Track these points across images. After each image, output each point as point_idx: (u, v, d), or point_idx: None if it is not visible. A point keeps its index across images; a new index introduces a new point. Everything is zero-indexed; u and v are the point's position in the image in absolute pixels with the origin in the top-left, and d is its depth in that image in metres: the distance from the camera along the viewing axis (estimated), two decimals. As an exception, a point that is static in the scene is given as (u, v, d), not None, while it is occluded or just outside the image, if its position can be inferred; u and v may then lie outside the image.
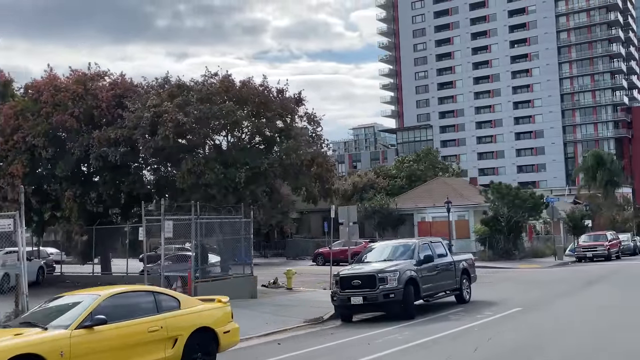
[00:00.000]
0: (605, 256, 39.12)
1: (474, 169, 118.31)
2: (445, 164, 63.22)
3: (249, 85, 23.05)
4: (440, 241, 18.19)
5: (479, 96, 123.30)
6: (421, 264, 16.02)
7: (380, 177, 56.58)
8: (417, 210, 45.19)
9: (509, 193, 38.87)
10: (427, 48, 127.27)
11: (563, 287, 21.45)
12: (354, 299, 14.91)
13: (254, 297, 19.82)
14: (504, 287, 23.12)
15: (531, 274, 29.37)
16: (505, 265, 36.15)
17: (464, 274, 18.28)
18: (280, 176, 22.44)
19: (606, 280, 23.97)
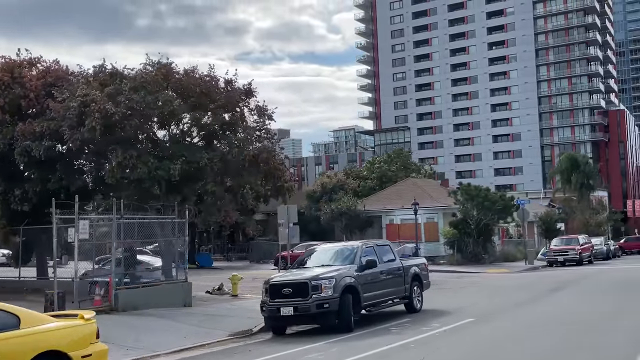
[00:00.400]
0: (576, 261, 37.90)
1: (451, 171, 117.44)
2: (418, 165, 61.89)
3: (192, 74, 21.29)
4: (387, 244, 16.58)
5: (456, 98, 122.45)
6: (363, 270, 14.38)
7: (350, 178, 54.99)
8: (385, 212, 43.65)
9: (478, 194, 37.47)
10: (406, 49, 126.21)
11: (525, 295, 19.97)
12: (284, 309, 13.21)
13: (188, 305, 18.05)
14: (465, 294, 21.61)
15: (498, 280, 27.94)
16: (473, 269, 34.72)
17: (414, 280, 16.69)
18: (222, 173, 20.67)
19: (572, 286, 22.56)
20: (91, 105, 18.56)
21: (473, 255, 38.55)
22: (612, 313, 14.93)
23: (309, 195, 51.77)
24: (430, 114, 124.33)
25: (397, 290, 15.84)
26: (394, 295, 15.79)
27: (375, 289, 14.75)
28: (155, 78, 19.98)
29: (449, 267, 36.96)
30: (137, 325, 14.21)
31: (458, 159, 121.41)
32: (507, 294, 20.69)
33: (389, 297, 15.57)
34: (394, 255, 16.24)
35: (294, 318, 13.29)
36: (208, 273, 35.93)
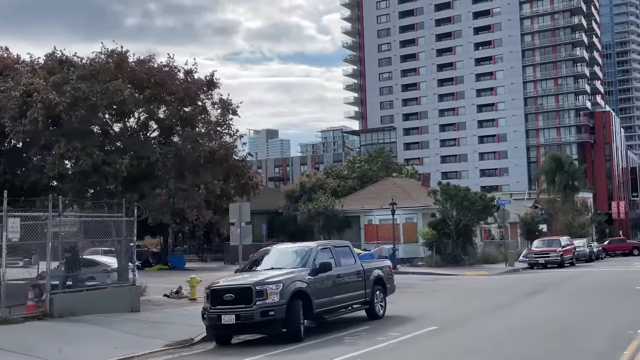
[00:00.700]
0: (558, 263, 36.93)
1: (437, 172, 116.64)
2: (399, 165, 60.78)
3: (148, 64, 20.00)
4: (347, 246, 15.39)
5: (443, 98, 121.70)
6: (317, 273, 13.18)
7: (331, 177, 53.81)
8: (363, 212, 42.50)
9: (457, 194, 36.41)
10: (392, 49, 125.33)
11: (500, 299, 18.87)
12: (225, 317, 11.97)
13: (135, 310, 16.76)
14: (437, 298, 20.48)
15: (475, 282, 26.85)
16: (451, 271, 33.64)
17: (377, 284, 15.52)
18: (176, 169, 19.37)
19: (550, 290, 21.51)
20: (34, 95, 17.24)
21: (452, 257, 37.50)
22: (591, 315, 13.88)
23: (288, 194, 50.54)
24: (417, 114, 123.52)
25: (357, 295, 14.66)
26: (353, 301, 14.61)
27: (331, 294, 13.56)
28: (106, 67, 18.68)
29: (427, 269, 35.89)
30: (67, 333, 12.93)
31: (444, 160, 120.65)
32: (481, 298, 19.60)
33: (348, 303, 14.39)
34: (354, 258, 15.07)
35: (236, 327, 12.05)
36: (178, 274, 34.62)
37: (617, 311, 15.23)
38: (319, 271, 13.20)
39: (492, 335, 12.40)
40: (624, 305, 16.32)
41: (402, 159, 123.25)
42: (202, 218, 39.90)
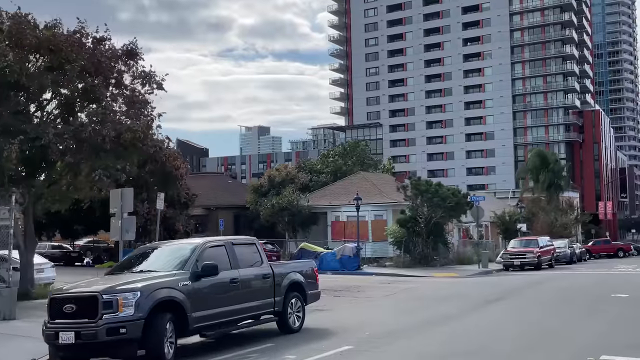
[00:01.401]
0: (535, 264, 34.31)
1: (423, 170, 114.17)
2: (375, 160, 57.91)
3: (53, 30, 17.16)
4: (253, 243, 12.55)
5: (430, 95, 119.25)
6: (198, 278, 10.39)
7: (303, 171, 50.97)
8: (331, 208, 39.72)
9: (427, 190, 33.70)
10: (379, 43, 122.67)
11: (452, 308, 16.14)
12: (63, 335, 9.15)
13: (9, 317, 13.91)
14: (382, 305, 17.74)
15: (437, 285, 24.13)
16: (418, 273, 30.95)
17: (292, 291, 12.75)
18: (74, 153, 16.52)
19: (514, 296, 18.81)
20: None
21: (422, 257, 34.80)
22: (549, 333, 11.17)
23: (255, 189, 47.71)
24: (403, 111, 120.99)
25: (263, 304, 11.87)
26: (257, 311, 11.83)
27: (221, 304, 10.76)
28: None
29: (393, 269, 33.19)
30: None
31: (430, 157, 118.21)
32: (431, 307, 16.87)
33: (247, 315, 11.60)
34: (261, 259, 12.25)
35: (77, 348, 9.19)
36: None
37: (582, 328, 12.54)
38: (201, 275, 10.40)
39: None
40: (592, 320, 13.64)
41: (388, 156, 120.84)
42: (154, 211, 37.10)
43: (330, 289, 21.92)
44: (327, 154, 55.54)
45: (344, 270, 32.25)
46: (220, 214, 47.76)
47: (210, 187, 50.02)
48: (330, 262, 33.02)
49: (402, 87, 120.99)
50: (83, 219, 37.02)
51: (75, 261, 40.24)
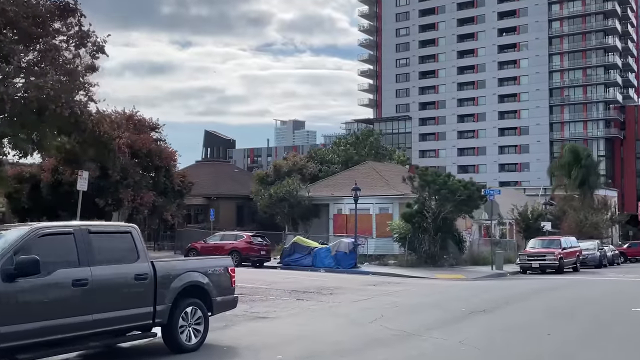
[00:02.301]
0: (556, 267, 30.55)
1: (453, 165, 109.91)
2: (389, 150, 54.20)
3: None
4: (127, 231, 9.43)
5: (462, 87, 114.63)
6: (12, 279, 7.40)
7: (313, 161, 47.85)
8: (333, 199, 36.47)
9: (434, 181, 30.20)
10: (410, 33, 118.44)
11: (422, 319, 12.94)
12: None
13: None
14: (339, 314, 14.54)
15: (431, 290, 20.79)
16: (421, 274, 27.58)
17: (187, 296, 9.68)
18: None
19: (509, 307, 15.39)
20: None
21: (429, 256, 31.35)
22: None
23: (261, 178, 44.84)
24: (434, 104, 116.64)
25: (133, 314, 8.83)
26: (123, 324, 8.79)
27: (53, 315, 7.75)
28: None
29: (394, 269, 29.86)
30: None
31: (461, 152, 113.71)
32: (399, 316, 13.66)
33: (103, 329, 8.54)
34: (136, 253, 9.18)
35: None
36: None
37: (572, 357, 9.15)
38: (14, 275, 7.40)
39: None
40: (590, 345, 10.22)
41: (416, 150, 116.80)
42: (141, 199, 34.59)
43: (299, 290, 18.90)
44: (338, 143, 52.19)
45: (339, 268, 29.11)
46: (222, 203, 45.07)
47: (214, 176, 47.40)
48: (324, 259, 29.93)
49: (433, 78, 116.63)
50: (66, 204, 34.70)
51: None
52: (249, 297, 17.05)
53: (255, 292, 18.14)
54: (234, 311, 14.52)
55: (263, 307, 15.24)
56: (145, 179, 36.16)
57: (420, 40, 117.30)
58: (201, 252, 31.54)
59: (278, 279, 22.39)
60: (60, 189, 33.61)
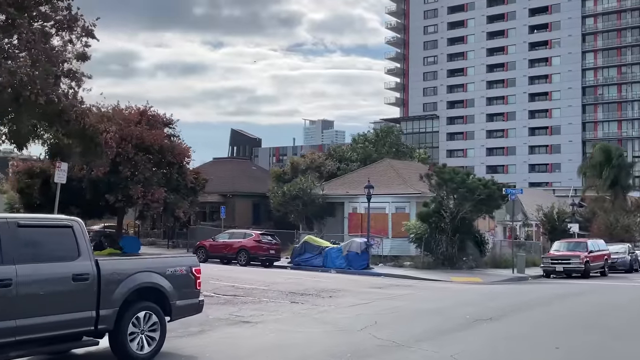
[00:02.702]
0: (581, 272, 28.81)
1: (481, 165, 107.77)
2: (410, 147, 52.54)
3: None
4: (68, 225, 8.35)
5: (491, 85, 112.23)
6: None
7: (331, 159, 46.63)
8: (347, 197, 35.18)
9: (452, 179, 28.73)
10: (439, 30, 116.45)
11: (415, 328, 11.67)
12: None
13: None
14: (327, 321, 13.32)
15: (440, 294, 19.44)
16: (436, 276, 26.18)
17: (140, 299, 8.61)
18: None
19: (517, 316, 14.00)
20: None
21: (447, 258, 29.87)
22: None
23: (277, 176, 43.82)
24: (462, 102, 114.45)
25: (70, 320, 7.77)
26: (57, 331, 7.72)
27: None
28: None
29: (409, 270, 28.51)
30: None
31: (490, 152, 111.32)
32: (407, 323, 12.47)
33: (31, 337, 7.49)
34: (77, 250, 8.12)
35: None
36: None
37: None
38: None
39: None
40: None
41: (444, 150, 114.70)
42: (152, 196, 33.78)
43: (298, 292, 17.75)
44: (357, 140, 50.83)
45: (350, 269, 27.88)
46: (238, 201, 44.16)
47: (231, 173, 46.52)
48: (336, 259, 28.71)
49: (461, 77, 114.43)
50: (78, 200, 34.14)
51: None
52: (242, 299, 16.00)
53: (250, 294, 17.08)
54: (217, 314, 13.53)
55: (251, 310, 14.16)
56: (157, 175, 35.39)
57: (449, 37, 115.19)
58: (209, 250, 30.64)
59: (281, 280, 21.29)
60: (70, 184, 32.97)
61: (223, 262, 30.04)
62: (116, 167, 33.23)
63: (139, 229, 44.70)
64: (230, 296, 16.54)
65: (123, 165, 33.17)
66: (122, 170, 33.02)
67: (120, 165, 33.29)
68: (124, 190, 32.75)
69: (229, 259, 29.85)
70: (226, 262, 29.97)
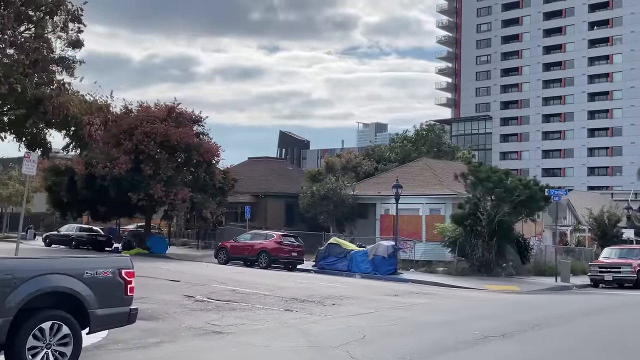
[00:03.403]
0: (633, 282, 26.01)
1: (537, 168, 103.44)
2: (451, 147, 49.89)
3: None
4: None
5: (548, 85, 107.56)
6: None
7: (368, 159, 44.76)
8: (380, 198, 33.24)
9: (488, 178, 26.47)
10: (492, 29, 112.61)
11: (400, 345, 9.83)
12: None
13: None
14: (318, 331, 11.64)
15: (468, 304, 17.45)
16: (469, 284, 24.06)
17: (45, 307, 7.18)
18: None
19: (543, 332, 11.92)
20: None
21: (483, 264, 27.59)
22: None
23: (312, 176, 42.30)
24: (517, 103, 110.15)
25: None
26: None
27: None
28: None
29: (440, 277, 26.44)
30: None
31: (546, 155, 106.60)
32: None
33: None
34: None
35: None
36: (134, 261, 27.66)
37: None
38: None
39: None
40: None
41: (497, 152, 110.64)
42: (175, 196, 32.85)
43: (300, 299, 16.13)
44: (395, 139, 48.64)
45: (376, 274, 26.04)
46: (270, 202, 42.87)
47: (264, 173, 45.31)
48: (361, 263, 26.92)
49: (516, 76, 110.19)
50: (104, 199, 33.59)
51: (104, 246, 36.93)
52: (233, 305, 14.48)
53: (245, 300, 15.53)
54: (193, 322, 12.02)
55: (234, 318, 12.62)
56: (183, 174, 34.48)
57: (503, 36, 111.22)
58: (230, 252, 29.31)
59: (290, 285, 19.68)
60: (94, 182, 32.47)
61: (246, 264, 28.64)
62: (138, 164, 32.48)
63: (169, 229, 43.98)
64: (223, 301, 15.06)
65: (145, 164, 32.39)
66: (144, 168, 32.24)
67: (142, 163, 32.53)
68: (146, 188, 31.94)
69: (250, 261, 28.43)
70: (249, 265, 28.55)
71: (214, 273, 22.75)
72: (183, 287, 17.62)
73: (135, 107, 34.68)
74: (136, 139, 32.31)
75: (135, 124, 32.80)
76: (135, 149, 32.34)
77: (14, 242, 41.62)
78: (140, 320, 12.17)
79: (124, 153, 32.05)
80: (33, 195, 43.26)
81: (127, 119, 33.36)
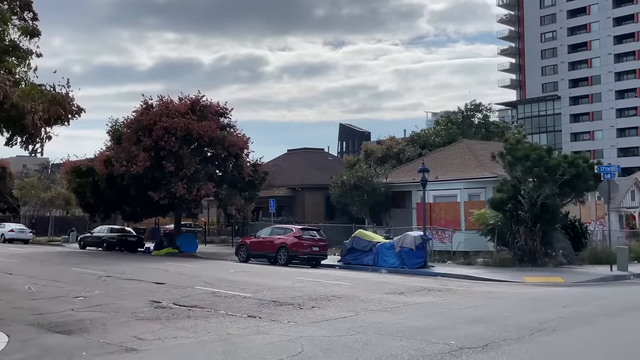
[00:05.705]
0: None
1: (612, 148, 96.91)
2: (502, 126, 45.70)
3: None
4: None
5: (620, 59, 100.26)
6: None
7: (412, 145, 41.94)
8: (415, 185, 30.52)
9: (527, 156, 23.39)
10: (557, 3, 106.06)
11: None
12: None
13: None
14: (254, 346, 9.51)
15: (489, 302, 14.85)
16: (507, 276, 21.24)
17: None
18: None
19: (552, 337, 9.32)
20: None
21: (526, 253, 24.57)
22: None
23: (351, 166, 40.02)
24: (587, 80, 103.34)
25: None
26: None
27: None
28: None
29: (476, 269, 23.68)
30: None
31: (621, 134, 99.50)
32: (350, 353, 8.37)
33: None
34: None
35: None
36: (151, 262, 26.42)
37: None
38: None
39: None
40: None
41: (567, 133, 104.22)
42: (198, 192, 31.37)
43: (278, 301, 14.11)
44: (439, 122, 45.30)
45: (403, 268, 23.61)
46: (308, 194, 40.87)
47: (302, 165, 43.36)
48: (388, 257, 24.50)
49: (585, 51, 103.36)
50: (128, 199, 32.58)
51: (136, 246, 35.96)
52: (190, 313, 12.48)
53: (213, 305, 13.50)
54: (117, 336, 9.88)
55: (174, 330, 10.64)
56: (208, 170, 32.96)
57: (569, 9, 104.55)
58: (250, 249, 27.42)
59: (286, 285, 17.55)
60: (115, 182, 31.46)
61: (270, 262, 26.63)
62: (159, 161, 31.21)
63: (205, 227, 42.74)
64: (187, 307, 13.14)
65: (166, 160, 31.09)
66: (165, 164, 30.95)
67: (163, 159, 31.24)
68: (167, 186, 30.63)
69: (271, 257, 26.41)
70: (272, 262, 26.52)
71: (214, 273, 20.95)
72: (160, 291, 15.88)
73: (156, 102, 33.46)
74: (155, 135, 31.06)
75: (154, 119, 31.55)
76: (154, 145, 31.10)
77: (56, 246, 41.91)
78: (60, 334, 10.45)
79: (143, 150, 30.85)
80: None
81: (146, 115, 32.18)
